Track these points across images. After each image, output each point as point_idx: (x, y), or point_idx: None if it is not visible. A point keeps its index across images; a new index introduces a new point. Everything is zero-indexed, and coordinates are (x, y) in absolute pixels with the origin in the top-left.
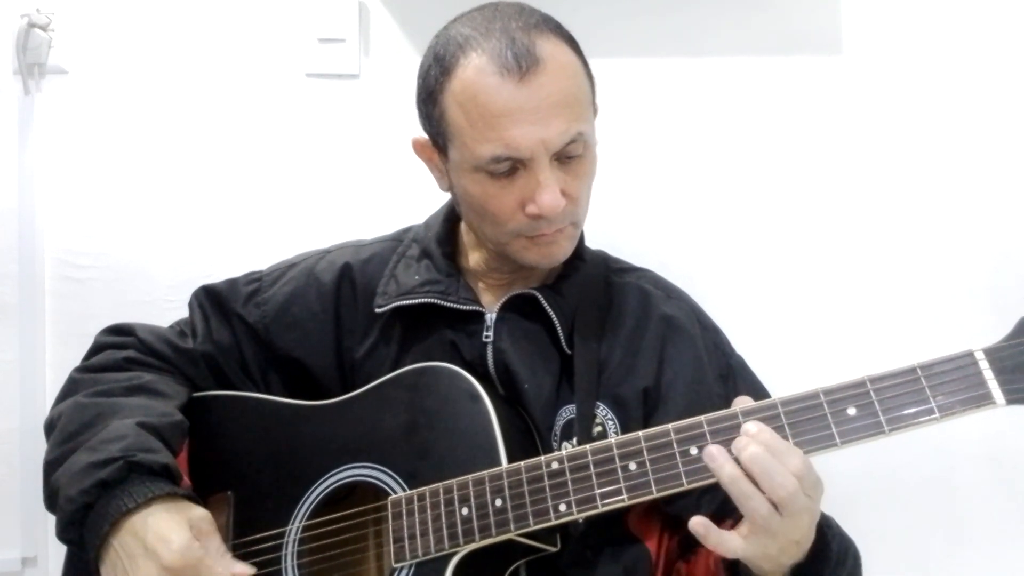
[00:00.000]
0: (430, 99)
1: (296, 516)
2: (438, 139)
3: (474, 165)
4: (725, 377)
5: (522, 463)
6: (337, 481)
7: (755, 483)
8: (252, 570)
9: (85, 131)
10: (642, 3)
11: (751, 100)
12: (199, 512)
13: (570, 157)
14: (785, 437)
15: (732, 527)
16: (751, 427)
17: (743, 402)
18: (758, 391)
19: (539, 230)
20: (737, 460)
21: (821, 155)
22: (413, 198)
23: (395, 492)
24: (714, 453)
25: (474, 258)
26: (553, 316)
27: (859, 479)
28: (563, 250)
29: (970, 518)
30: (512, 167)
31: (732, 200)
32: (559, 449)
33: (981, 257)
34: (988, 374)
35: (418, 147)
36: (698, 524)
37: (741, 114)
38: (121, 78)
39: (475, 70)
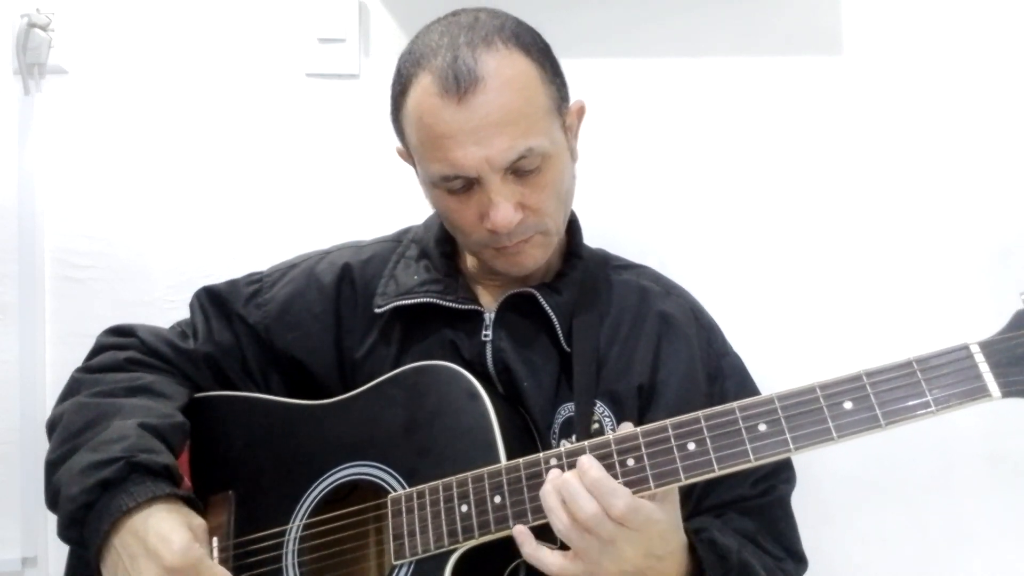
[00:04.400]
0: (395, 116)
1: (297, 515)
2: (406, 154)
3: (431, 182)
4: (713, 377)
5: (521, 460)
6: (337, 480)
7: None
8: None
9: (85, 131)
10: (642, 4)
11: (751, 100)
12: (196, 521)
13: (527, 171)
14: (782, 431)
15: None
16: (583, 460)
17: None
18: (749, 393)
19: (500, 243)
20: None
21: (821, 155)
22: (412, 198)
23: (395, 490)
24: (545, 485)
25: (471, 259)
26: (551, 314)
27: (859, 479)
28: (532, 259)
29: (969, 518)
30: (467, 183)
31: (732, 199)
32: (558, 447)
33: (977, 253)
34: (984, 367)
35: (401, 155)
36: (519, 532)
37: (741, 114)
38: (121, 78)
39: (422, 91)
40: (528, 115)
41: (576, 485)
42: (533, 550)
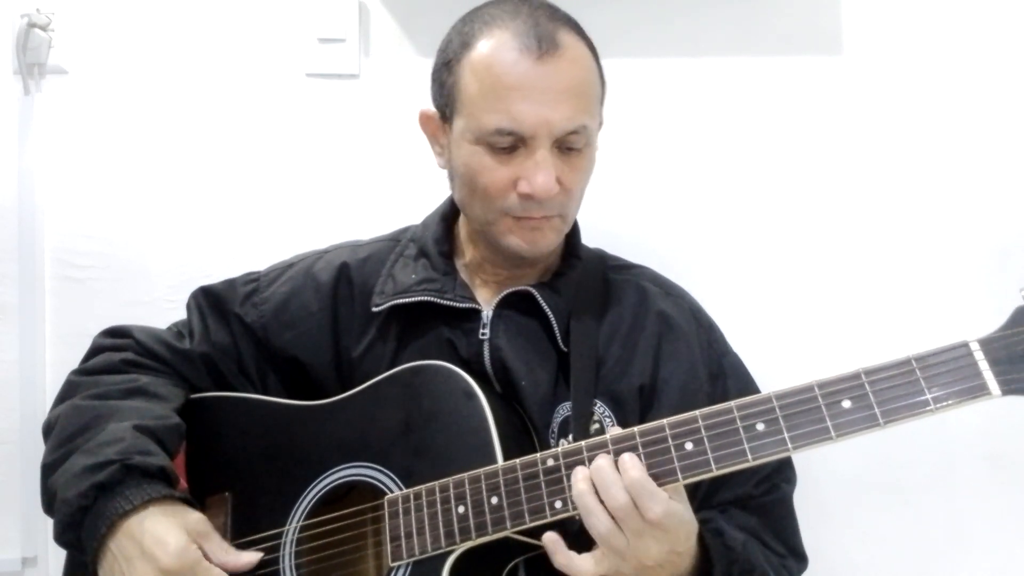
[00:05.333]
0: (446, 68)
1: (294, 516)
2: (446, 109)
3: (476, 135)
4: (715, 376)
5: (517, 460)
6: (334, 481)
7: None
8: (259, 555)
9: (85, 131)
10: (642, 4)
11: (751, 100)
12: (195, 515)
13: (570, 148)
14: (780, 431)
15: None
16: (626, 458)
17: None
18: (750, 392)
19: (527, 212)
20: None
21: (821, 155)
22: (411, 198)
23: (392, 491)
24: (577, 471)
25: (470, 253)
26: (549, 313)
27: (859, 479)
28: (547, 240)
29: (969, 518)
30: (513, 144)
31: (732, 199)
32: (556, 447)
33: (976, 251)
34: (983, 365)
35: (423, 119)
36: (548, 540)
37: (741, 114)
38: (121, 78)
39: (496, 43)
40: (589, 96)
41: (611, 474)
42: (566, 558)
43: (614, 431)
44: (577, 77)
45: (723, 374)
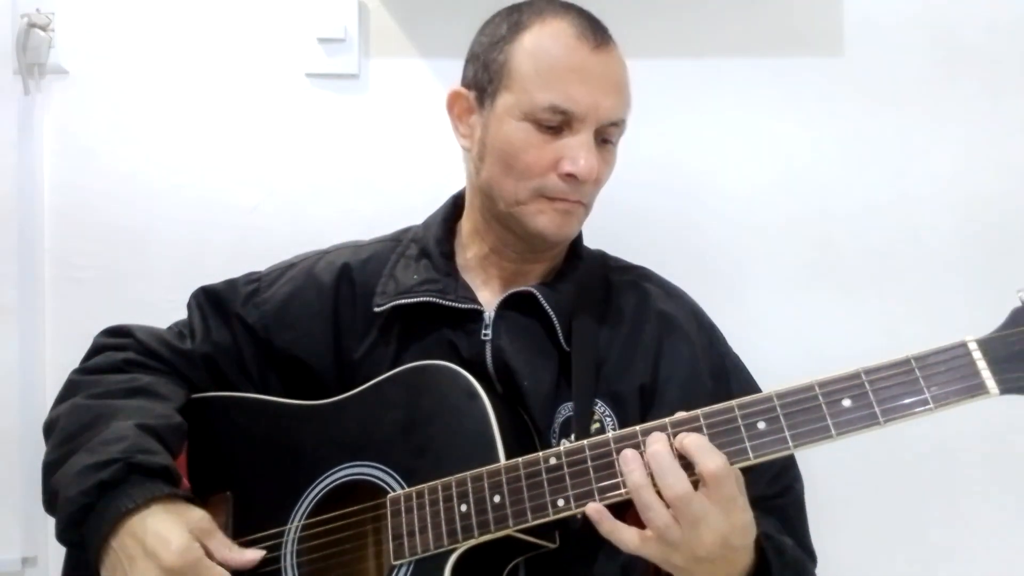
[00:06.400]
0: (494, 47)
1: (295, 515)
2: (489, 86)
3: (525, 112)
4: (718, 376)
5: (520, 459)
6: (336, 480)
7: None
8: (262, 553)
9: (85, 131)
10: (643, 4)
11: (752, 101)
12: (198, 513)
13: (606, 140)
14: (781, 429)
15: None
16: (685, 435)
17: None
18: (751, 391)
19: (563, 193)
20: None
21: (821, 156)
22: (412, 198)
23: (394, 490)
24: (628, 457)
25: (473, 251)
26: (551, 314)
27: (859, 479)
28: (572, 226)
29: (969, 516)
30: (560, 124)
31: (733, 200)
32: (558, 446)
33: (976, 251)
34: (981, 364)
35: (453, 97)
36: (593, 510)
37: (742, 115)
38: (121, 78)
39: (555, 29)
40: (628, 95)
41: (668, 458)
42: (612, 526)
43: (611, 434)
44: (623, 75)
45: (725, 374)
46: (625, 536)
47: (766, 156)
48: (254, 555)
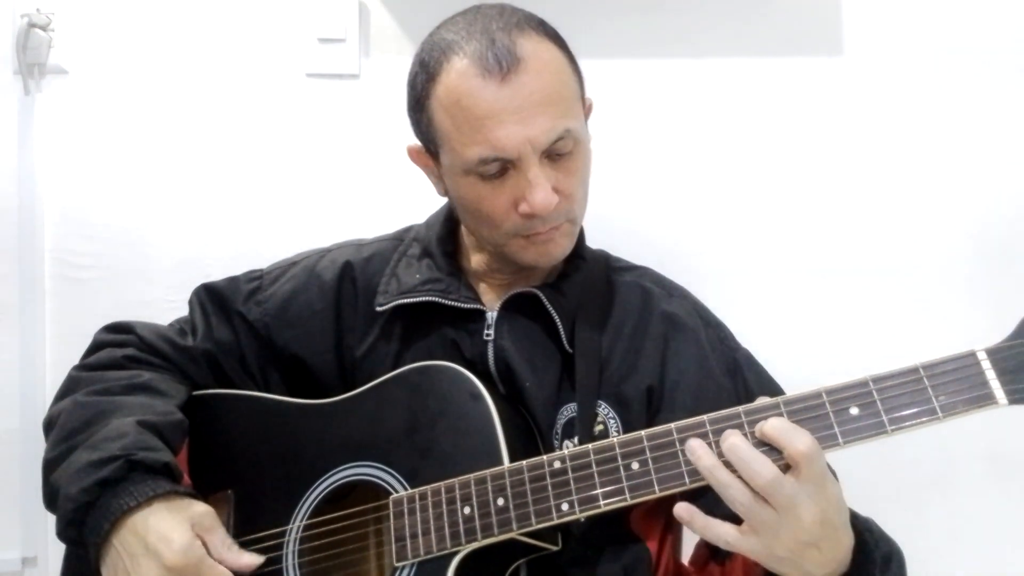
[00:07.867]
0: (418, 106)
1: (297, 515)
2: (429, 145)
3: (464, 168)
4: (732, 371)
5: (524, 462)
6: (338, 480)
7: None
8: (260, 559)
9: (85, 131)
10: (644, 4)
11: (752, 101)
12: (201, 508)
13: (560, 154)
14: None
15: None
16: (764, 421)
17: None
18: (767, 383)
19: (534, 229)
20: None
21: (822, 156)
22: (413, 198)
23: (396, 491)
24: (694, 446)
25: (475, 259)
26: (554, 314)
27: (859, 479)
28: (561, 248)
29: (969, 518)
30: (502, 168)
31: (733, 201)
32: (560, 448)
33: (983, 257)
34: (990, 374)
35: (413, 154)
36: (682, 509)
37: (742, 115)
38: (121, 78)
39: (458, 74)
40: (565, 98)
41: (746, 448)
42: (704, 522)
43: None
44: (547, 85)
45: (740, 368)
46: (721, 531)
47: (766, 157)
48: (252, 559)
